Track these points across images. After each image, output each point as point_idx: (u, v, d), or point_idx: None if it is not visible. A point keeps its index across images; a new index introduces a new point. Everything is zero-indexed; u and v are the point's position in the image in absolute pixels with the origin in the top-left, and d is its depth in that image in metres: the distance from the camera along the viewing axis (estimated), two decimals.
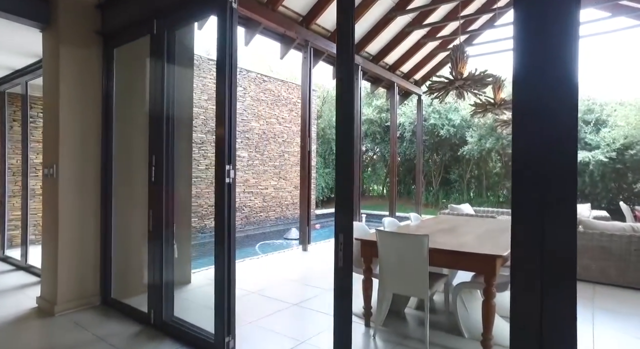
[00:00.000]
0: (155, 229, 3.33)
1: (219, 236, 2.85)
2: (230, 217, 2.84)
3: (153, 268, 3.38)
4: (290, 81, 13.82)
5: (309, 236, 7.13)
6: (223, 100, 2.81)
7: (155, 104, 3.41)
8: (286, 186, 13.58)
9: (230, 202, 2.82)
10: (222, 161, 2.78)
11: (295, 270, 5.63)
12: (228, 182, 2.77)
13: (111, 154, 3.88)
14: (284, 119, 13.45)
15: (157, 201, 3.33)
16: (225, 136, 2.77)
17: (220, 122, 2.82)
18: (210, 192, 10.75)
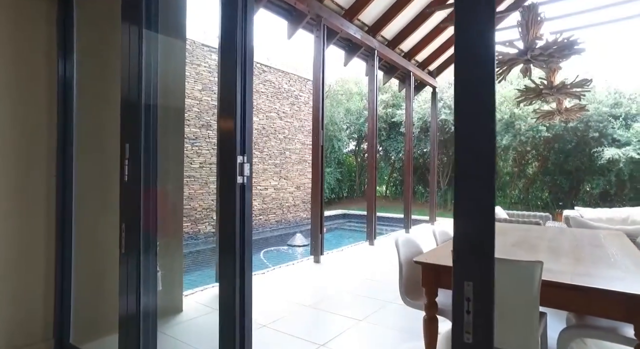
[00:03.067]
0: (130, 251, 2.27)
1: (226, 253, 1.85)
2: (245, 228, 1.83)
3: (126, 304, 2.33)
4: (292, 72, 12.76)
5: (322, 246, 6.09)
6: (234, 65, 1.79)
7: (130, 80, 2.36)
8: (287, 186, 12.53)
9: (245, 207, 1.80)
10: (231, 152, 1.74)
11: (310, 290, 4.60)
12: (241, 183, 1.73)
13: (71, 148, 2.80)
14: (285, 114, 12.40)
15: (132, 209, 2.28)
16: (237, 116, 1.75)
17: (229, 94, 1.79)
18: (205, 193, 9.65)
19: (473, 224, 1.12)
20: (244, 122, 1.79)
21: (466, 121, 1.15)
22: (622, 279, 2.14)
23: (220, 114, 1.90)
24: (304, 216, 13.31)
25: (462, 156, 1.16)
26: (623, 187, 12.23)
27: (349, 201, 19.29)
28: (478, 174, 1.12)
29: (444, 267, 2.40)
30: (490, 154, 1.11)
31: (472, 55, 1.14)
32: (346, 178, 19.91)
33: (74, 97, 2.85)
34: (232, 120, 1.77)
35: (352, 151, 20.83)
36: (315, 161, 6.09)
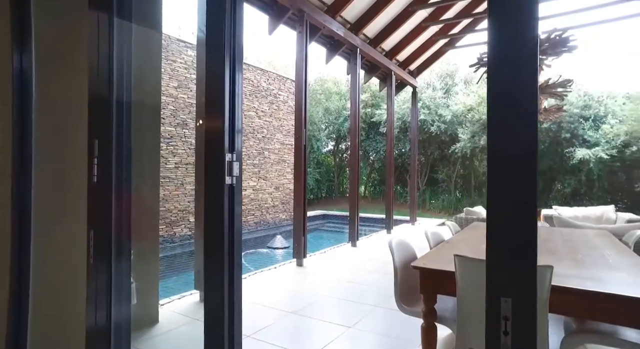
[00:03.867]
0: (100, 261, 2.02)
1: (213, 259, 1.66)
2: (235, 233, 1.63)
3: (94, 320, 2.07)
4: (270, 71, 12.50)
5: (304, 248, 5.90)
6: (221, 60, 1.59)
7: (100, 71, 2.11)
8: (266, 186, 12.25)
9: (234, 210, 1.59)
10: (218, 149, 1.53)
11: (295, 295, 4.40)
12: (230, 184, 1.52)
13: (29, 146, 2.48)
14: (264, 113, 12.13)
15: (102, 214, 2.02)
16: (225, 112, 1.54)
17: (216, 89, 1.58)
18: (180, 194, 9.27)
19: (512, 231, 0.97)
20: (233, 118, 1.58)
21: (504, 113, 0.99)
22: (633, 284, 2.06)
23: (207, 110, 1.69)
24: (283, 217, 13.07)
25: (498, 153, 1.00)
26: (592, 186, 12.63)
27: (328, 202, 19.17)
28: (519, 170, 0.96)
29: (444, 272, 2.26)
30: (533, 149, 0.96)
31: (511, 38, 0.98)
32: (325, 178, 19.79)
33: (33, 91, 2.54)
34: (220, 116, 1.56)
35: (331, 151, 20.73)
36: (298, 161, 5.89)
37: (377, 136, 17.21)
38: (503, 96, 0.99)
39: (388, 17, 7.84)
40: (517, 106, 0.96)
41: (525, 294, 0.94)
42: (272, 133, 12.49)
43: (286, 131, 13.20)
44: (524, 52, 0.95)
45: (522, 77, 0.96)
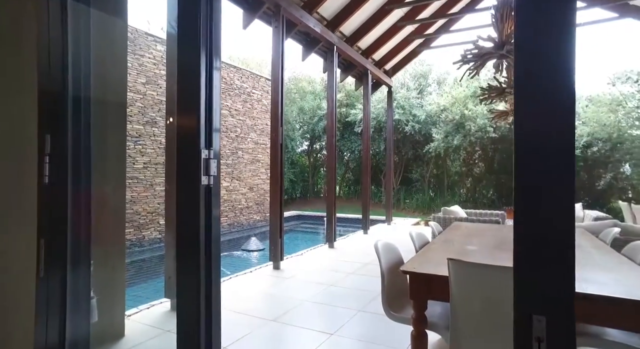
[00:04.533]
0: (51, 273, 1.75)
1: (187, 265, 1.44)
2: (212, 239, 1.43)
3: (45, 341, 1.80)
4: (244, 68, 12.19)
5: (281, 251, 5.69)
6: (196, 51, 1.38)
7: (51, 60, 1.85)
8: (240, 187, 11.93)
9: (211, 213, 1.40)
10: (192, 146, 1.33)
11: (273, 301, 4.19)
12: (206, 184, 1.32)
13: None
14: (238, 111, 11.81)
15: (55, 220, 1.76)
16: (200, 106, 1.34)
17: (190, 83, 1.38)
18: (150, 196, 8.83)
19: (546, 237, 0.83)
20: (210, 113, 1.39)
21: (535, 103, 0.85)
22: (631, 285, 2.00)
23: (180, 103, 1.49)
24: (257, 218, 12.78)
25: (530, 152, 0.86)
26: None
27: (303, 202, 18.97)
28: (555, 169, 0.82)
29: (436, 277, 2.13)
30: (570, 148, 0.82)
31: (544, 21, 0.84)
32: (299, 179, 19.58)
33: None
34: (195, 110, 1.37)
35: (306, 151, 20.54)
36: (274, 160, 5.68)
37: (351, 136, 17.18)
38: (534, 86, 0.85)
39: (365, 15, 7.75)
40: (553, 97, 0.83)
41: (563, 312, 0.80)
42: (245, 132, 12.18)
43: (260, 130, 12.91)
44: (561, 36, 0.82)
45: (559, 62, 0.82)
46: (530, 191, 0.85)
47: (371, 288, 4.57)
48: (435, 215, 6.49)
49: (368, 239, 8.12)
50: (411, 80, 16.17)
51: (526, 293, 0.86)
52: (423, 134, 15.10)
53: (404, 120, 15.03)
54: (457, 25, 9.10)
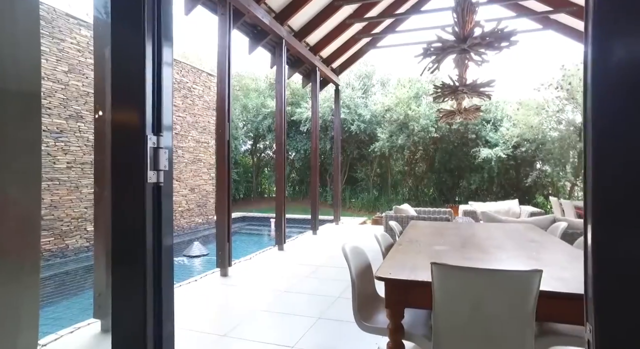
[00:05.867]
0: None
1: (128, 281, 1.08)
2: (162, 252, 1.09)
3: None
4: (184, 61, 11.41)
5: (229, 256, 5.28)
6: (138, 25, 1.04)
7: None
8: (180, 188, 11.14)
9: (162, 220, 1.05)
10: (135, 131, 0.98)
11: (222, 313, 3.80)
12: (154, 182, 0.98)
13: None
14: (177, 108, 11.00)
15: None
16: (146, 85, 1.00)
17: (129, 63, 1.03)
18: (75, 199, 7.85)
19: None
20: (159, 94, 1.05)
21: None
22: None
23: (117, 75, 1.12)
24: (199, 221, 12.05)
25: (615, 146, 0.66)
26: (493, 183, 13.97)
27: (247, 203, 18.39)
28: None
29: (415, 283, 1.95)
30: None
31: None
32: (243, 179, 18.96)
33: None
34: (139, 81, 1.01)
35: (249, 150, 19.94)
36: (221, 158, 5.25)
37: (297, 135, 16.94)
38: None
39: (314, 10, 7.55)
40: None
41: None
42: (186, 130, 11.41)
43: (202, 127, 12.20)
44: None
45: None
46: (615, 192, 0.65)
47: (328, 291, 4.36)
48: (387, 213, 6.46)
49: (318, 240, 7.93)
50: (356, 80, 16.32)
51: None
52: (368, 134, 15.30)
53: (350, 119, 15.12)
54: (403, 26, 9.25)
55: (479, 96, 4.79)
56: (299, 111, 15.88)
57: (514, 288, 1.69)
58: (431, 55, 3.84)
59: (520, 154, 13.18)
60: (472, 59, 3.84)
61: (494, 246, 2.83)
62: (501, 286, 1.71)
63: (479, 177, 13.77)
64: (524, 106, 13.22)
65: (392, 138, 14.21)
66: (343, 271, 4.91)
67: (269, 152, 19.84)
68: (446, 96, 4.90)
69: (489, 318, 1.76)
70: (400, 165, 16.66)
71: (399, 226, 3.83)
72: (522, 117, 13.03)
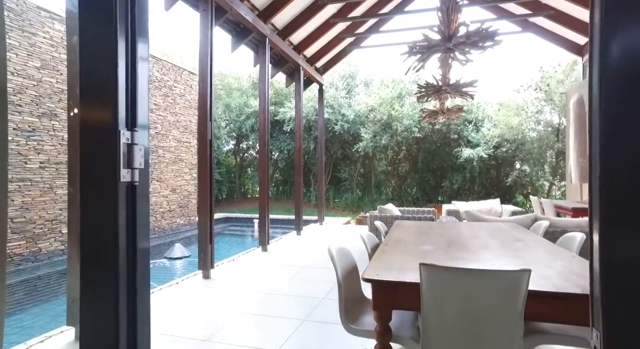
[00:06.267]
0: None
1: (97, 290, 0.99)
2: (137, 251, 1.00)
3: None
4: (164, 59, 11.15)
5: (212, 258, 5.16)
6: (108, 9, 0.94)
7: None
8: (161, 189, 10.89)
9: (136, 218, 0.97)
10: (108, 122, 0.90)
11: (204, 317, 3.69)
12: (129, 181, 0.90)
13: None
14: (157, 106, 10.76)
15: None
16: (118, 74, 0.91)
17: (100, 48, 0.94)
18: (49, 201, 7.56)
19: None
20: (134, 86, 0.96)
21: None
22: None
23: (84, 73, 1.03)
24: (181, 222, 11.81)
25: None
26: (474, 182, 14.18)
27: (230, 203, 18.16)
28: None
29: (403, 284, 1.91)
30: None
31: None
32: (226, 179, 18.70)
33: None
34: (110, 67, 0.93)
35: (232, 150, 19.69)
36: (203, 158, 5.13)
37: (280, 135, 16.82)
38: None
39: (297, 9, 7.47)
40: None
41: None
42: (167, 129, 11.16)
43: (184, 127, 11.96)
44: None
45: None
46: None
47: (312, 293, 4.30)
48: (372, 213, 6.44)
49: (302, 241, 7.86)
50: (340, 80, 16.32)
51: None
52: (352, 134, 15.31)
53: (333, 119, 15.10)
54: (387, 26, 9.28)
55: (462, 96, 4.82)
56: (283, 111, 15.76)
57: (503, 288, 1.66)
58: (417, 53, 3.83)
59: (501, 154, 13.42)
60: (457, 58, 3.86)
61: (480, 246, 2.82)
62: (490, 286, 1.68)
63: (461, 177, 13.96)
64: (504, 107, 13.47)
65: (376, 138, 14.26)
66: (328, 272, 4.86)
67: (252, 152, 19.64)
68: (430, 96, 4.91)
69: (478, 319, 1.73)
70: (383, 165, 16.74)
71: (384, 226, 3.81)
72: (503, 117, 13.28)
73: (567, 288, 1.77)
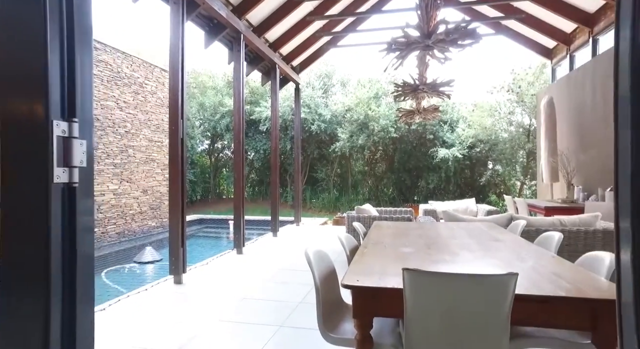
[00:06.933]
0: None
1: (18, 315, 0.82)
2: (77, 268, 0.84)
3: None
4: (134, 55, 10.73)
5: (184, 262, 4.94)
6: None
7: None
8: (131, 190, 10.47)
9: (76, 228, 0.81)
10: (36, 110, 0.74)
11: (176, 327, 3.50)
12: (65, 183, 0.74)
13: None
14: (127, 104, 10.33)
15: None
16: (47, 46, 0.75)
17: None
18: None
19: None
20: (71, 68, 0.81)
21: None
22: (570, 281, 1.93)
23: (3, 49, 0.86)
24: (153, 224, 11.39)
25: None
26: (449, 182, 14.39)
27: (204, 204, 17.73)
28: None
29: (384, 290, 1.81)
30: None
31: None
32: (200, 180, 18.25)
33: None
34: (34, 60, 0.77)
35: (206, 150, 19.24)
36: (174, 157, 4.90)
37: (256, 135, 16.55)
38: None
39: (273, 5, 7.32)
40: None
41: None
42: (137, 128, 10.73)
43: (155, 126, 11.55)
44: None
45: None
46: None
47: (289, 297, 4.16)
48: (349, 214, 6.36)
49: (278, 242, 7.70)
50: (316, 80, 16.21)
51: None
52: (328, 134, 15.24)
53: (310, 119, 14.98)
54: (364, 25, 9.24)
55: (438, 96, 4.81)
56: (259, 110, 15.50)
57: (490, 293, 1.59)
58: (395, 50, 3.76)
59: (475, 154, 13.67)
60: (435, 56, 3.82)
61: (459, 246, 2.77)
62: (477, 291, 1.60)
63: (436, 177, 14.13)
64: (478, 108, 13.73)
65: (353, 138, 14.24)
66: (305, 274, 4.73)
67: (228, 152, 19.25)
68: (407, 95, 4.87)
69: (464, 324, 1.65)
70: (360, 165, 16.76)
71: (363, 227, 3.72)
72: (477, 118, 13.53)
73: (553, 290, 1.72)
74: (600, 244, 4.59)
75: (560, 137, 7.39)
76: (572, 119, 7.60)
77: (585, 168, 6.79)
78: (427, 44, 3.59)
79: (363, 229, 3.67)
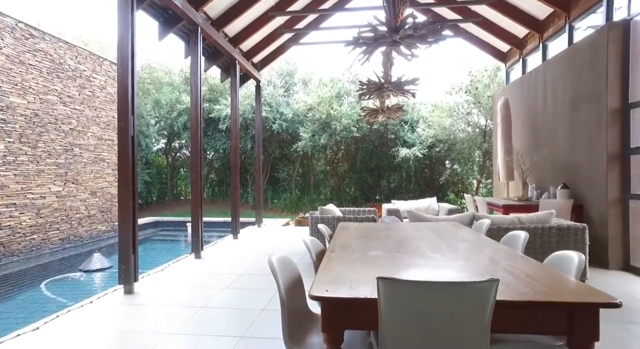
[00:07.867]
0: None
1: None
2: None
3: None
4: (80, 46, 9.93)
5: (135, 270, 4.55)
6: None
7: None
8: (78, 192, 9.69)
9: None
10: None
11: (128, 343, 3.16)
12: None
13: None
14: (72, 99, 9.55)
15: None
16: None
17: None
18: None
19: None
20: None
21: None
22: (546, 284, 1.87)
23: None
24: (103, 228, 10.63)
25: None
26: (410, 181, 14.65)
27: (160, 206, 16.92)
28: None
29: (355, 301, 1.65)
30: None
31: None
32: (156, 180, 17.38)
33: None
34: None
35: (163, 149, 18.37)
36: (124, 156, 4.49)
37: (215, 133, 16.01)
38: None
39: None
40: None
41: None
42: (84, 125, 9.95)
43: (105, 123, 10.79)
44: None
45: None
46: None
47: (250, 304, 3.93)
48: (313, 215, 6.19)
49: (239, 245, 7.40)
50: (277, 78, 15.92)
51: None
52: (290, 133, 15.01)
53: (271, 118, 14.68)
54: (327, 23, 9.12)
55: (403, 94, 4.77)
56: (218, 108, 14.97)
57: (470, 300, 1.48)
58: (362, 45, 3.64)
59: (435, 154, 14.00)
60: (402, 52, 3.75)
61: (430, 249, 2.68)
62: (456, 299, 1.49)
63: (398, 176, 14.32)
64: (438, 108, 14.06)
65: (315, 137, 14.11)
66: (268, 278, 4.51)
67: (185, 151, 18.49)
68: (372, 93, 4.79)
69: (442, 334, 1.53)
70: (322, 165, 16.68)
71: (328, 229, 3.56)
72: (437, 118, 13.85)
73: (532, 295, 1.64)
74: (555, 240, 4.74)
75: (515, 137, 7.66)
76: (525, 120, 7.90)
77: (538, 167, 7.07)
78: (395, 39, 3.50)
79: (328, 231, 3.52)
